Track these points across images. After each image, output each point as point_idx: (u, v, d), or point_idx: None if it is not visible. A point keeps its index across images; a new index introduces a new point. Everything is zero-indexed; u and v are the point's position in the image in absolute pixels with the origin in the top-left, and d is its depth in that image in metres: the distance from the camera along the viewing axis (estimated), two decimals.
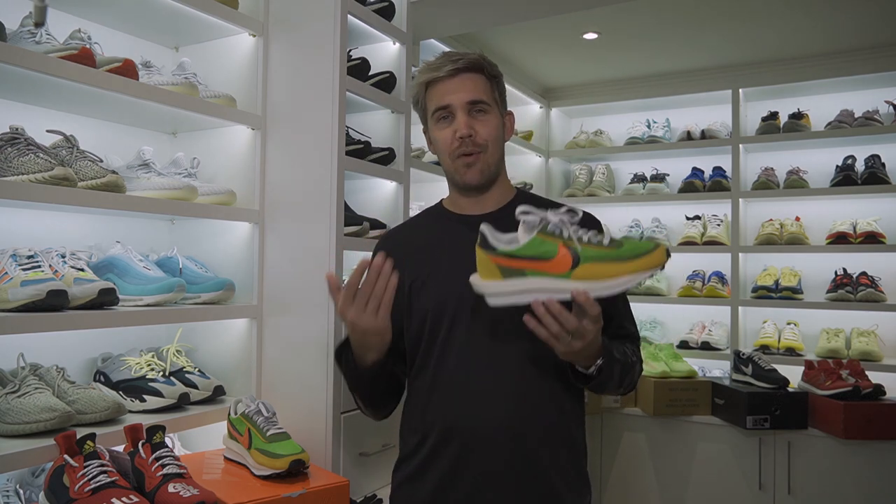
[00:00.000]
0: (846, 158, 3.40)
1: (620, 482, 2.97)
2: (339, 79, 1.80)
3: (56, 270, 1.45)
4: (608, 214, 3.99)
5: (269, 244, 1.88)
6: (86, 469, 1.25)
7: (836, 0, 2.80)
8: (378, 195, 2.11)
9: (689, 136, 3.67)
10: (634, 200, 3.84)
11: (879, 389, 2.60)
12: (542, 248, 1.12)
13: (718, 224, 3.64)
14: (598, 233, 1.16)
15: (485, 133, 1.35)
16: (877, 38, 3.20)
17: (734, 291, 3.52)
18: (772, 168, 3.56)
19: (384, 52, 2.13)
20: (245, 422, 1.61)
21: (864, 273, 3.29)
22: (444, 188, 1.51)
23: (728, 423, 2.77)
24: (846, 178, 3.31)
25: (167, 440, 1.43)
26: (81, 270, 1.50)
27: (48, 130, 1.52)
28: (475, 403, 1.30)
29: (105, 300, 1.46)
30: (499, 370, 1.31)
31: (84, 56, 1.45)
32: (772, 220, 3.54)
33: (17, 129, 1.43)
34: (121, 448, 1.44)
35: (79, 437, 1.31)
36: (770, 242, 3.45)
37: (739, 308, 3.51)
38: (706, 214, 3.75)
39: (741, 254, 3.54)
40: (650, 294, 3.72)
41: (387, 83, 2.04)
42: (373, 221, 1.94)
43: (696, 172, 3.73)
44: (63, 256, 1.50)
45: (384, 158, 2.02)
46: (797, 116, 3.45)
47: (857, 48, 3.31)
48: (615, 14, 2.91)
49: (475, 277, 1.16)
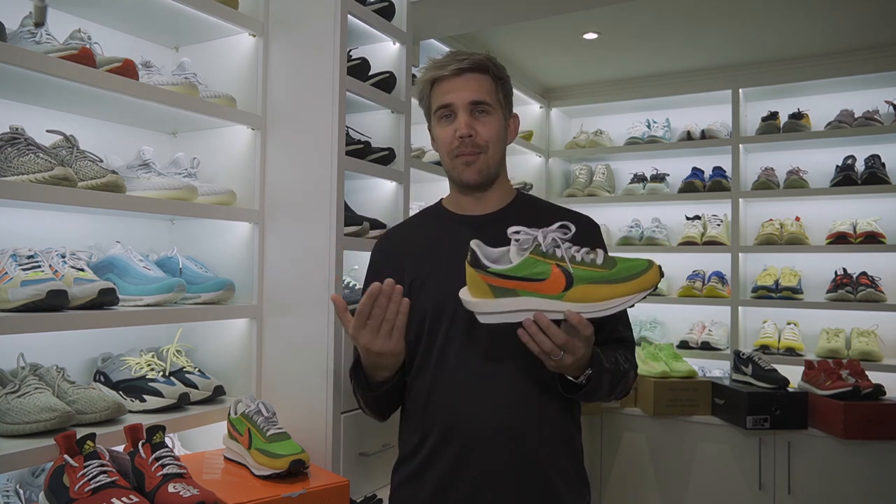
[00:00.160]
0: (846, 158, 3.39)
1: (620, 482, 2.97)
2: (339, 79, 1.80)
3: (56, 270, 1.45)
4: (608, 214, 3.99)
5: (269, 244, 1.88)
6: (86, 469, 1.25)
7: (836, 0, 2.80)
8: (378, 195, 2.11)
9: (689, 136, 3.67)
10: (634, 200, 3.84)
11: (879, 389, 2.60)
12: (535, 269, 1.11)
13: (718, 224, 3.63)
14: (592, 250, 1.15)
15: (485, 134, 1.35)
16: (877, 38, 3.20)
17: (734, 291, 3.51)
18: (772, 168, 3.56)
19: (384, 52, 2.13)
20: (245, 422, 1.61)
21: (864, 273, 3.29)
22: (444, 188, 1.52)
23: (728, 423, 2.77)
24: (846, 178, 3.31)
25: (167, 440, 1.43)
26: (81, 270, 1.50)
27: (48, 130, 1.52)
28: (475, 403, 1.30)
29: (105, 300, 1.46)
30: (498, 370, 1.31)
31: (84, 56, 1.45)
32: (772, 220, 3.54)
33: (17, 129, 1.42)
34: (121, 448, 1.44)
35: (79, 437, 1.31)
36: (770, 242, 3.45)
37: (739, 308, 3.50)
38: (706, 214, 3.75)
39: (741, 254, 3.54)
40: (651, 294, 3.70)
41: (387, 83, 2.04)
42: (373, 221, 1.94)
43: (696, 172, 3.72)
44: (63, 256, 1.50)
45: (384, 158, 2.02)
46: (797, 116, 3.45)
47: (857, 48, 3.31)
48: (615, 14, 2.91)
49: (465, 294, 1.15)
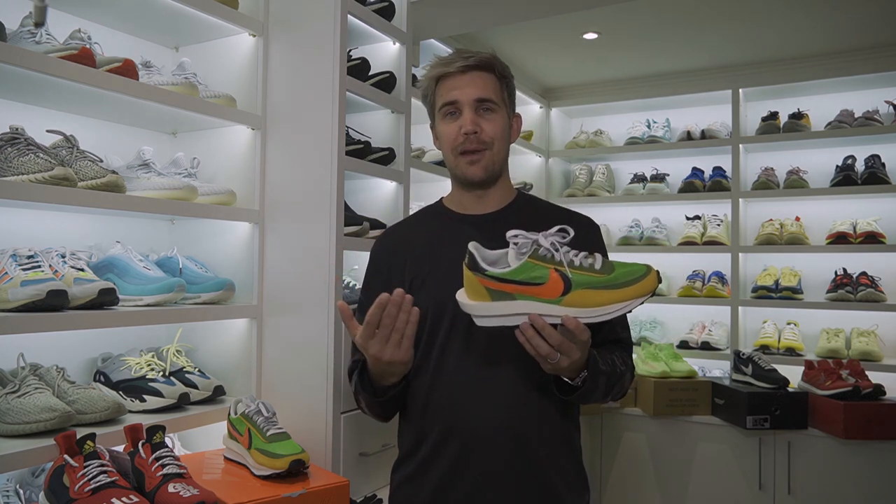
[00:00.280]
0: (846, 158, 3.39)
1: (620, 482, 2.97)
2: (339, 79, 1.80)
3: (56, 270, 1.45)
4: (608, 214, 3.99)
5: (269, 244, 1.88)
6: (86, 469, 1.25)
7: (836, 0, 2.79)
8: (378, 195, 2.11)
9: (689, 136, 3.67)
10: (634, 200, 3.84)
11: (879, 389, 2.60)
12: (533, 273, 1.11)
13: (718, 224, 3.63)
14: (590, 255, 1.15)
15: (490, 131, 1.35)
16: (877, 38, 3.20)
17: (734, 291, 3.51)
18: (772, 168, 3.56)
19: (384, 52, 2.13)
20: (245, 422, 1.61)
21: (864, 273, 3.29)
22: (444, 188, 1.51)
23: (728, 423, 2.77)
24: (846, 178, 3.30)
25: (167, 440, 1.43)
26: (81, 270, 1.50)
27: (48, 130, 1.52)
28: (475, 403, 1.30)
29: (105, 300, 1.46)
30: (499, 370, 1.31)
31: (84, 56, 1.45)
32: (772, 220, 3.54)
33: (17, 129, 1.43)
34: (121, 448, 1.44)
35: (79, 437, 1.31)
36: (770, 242, 3.45)
37: (739, 308, 3.50)
38: (706, 214, 3.75)
39: (741, 254, 3.54)
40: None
41: (387, 83, 2.04)
42: (373, 221, 1.94)
43: (696, 172, 3.72)
44: (63, 256, 1.50)
45: (384, 158, 2.02)
46: (797, 116, 3.45)
47: (857, 48, 3.31)
48: (615, 14, 2.91)
49: (462, 296, 1.15)
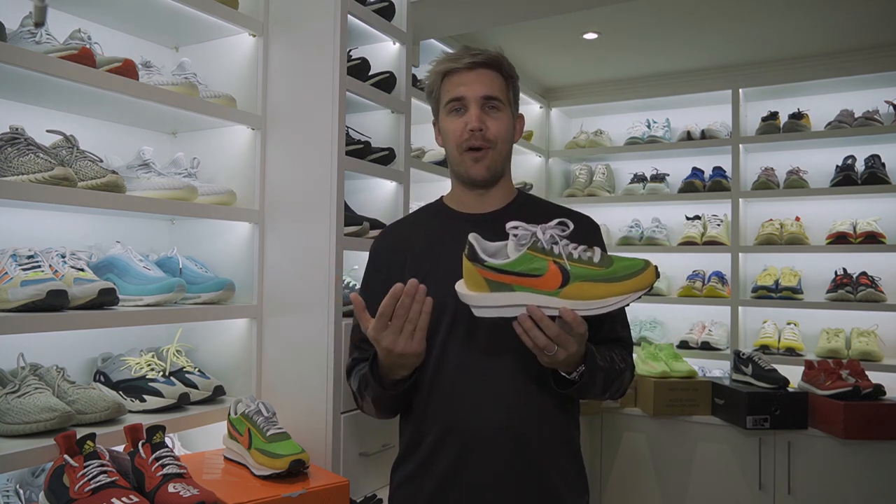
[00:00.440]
0: (846, 158, 3.39)
1: (620, 482, 2.97)
2: (339, 79, 1.80)
3: (56, 270, 1.45)
4: (608, 214, 3.98)
5: (269, 244, 1.88)
6: (86, 469, 1.25)
7: (836, 0, 2.79)
8: (378, 195, 2.11)
9: (689, 136, 3.67)
10: (634, 200, 3.84)
11: (879, 389, 2.60)
12: (532, 265, 1.12)
13: (718, 224, 3.63)
14: (589, 248, 1.15)
15: (495, 129, 1.35)
16: (877, 38, 3.20)
17: (734, 291, 3.51)
18: (772, 168, 3.56)
19: (384, 52, 2.13)
20: (245, 422, 1.61)
21: (864, 273, 3.29)
22: (444, 188, 1.51)
23: (728, 423, 2.77)
24: (846, 178, 3.30)
25: (167, 440, 1.43)
26: (81, 270, 1.50)
27: (48, 130, 1.52)
28: (475, 403, 1.30)
29: (105, 300, 1.46)
30: (499, 370, 1.31)
31: (84, 56, 1.45)
32: (772, 220, 3.54)
33: (17, 129, 1.43)
34: (121, 448, 1.44)
35: (79, 437, 1.31)
36: (770, 242, 3.45)
37: (739, 308, 3.50)
38: (706, 214, 3.75)
39: (741, 254, 3.54)
40: (650, 294, 3.68)
41: (387, 83, 2.04)
42: (373, 221, 1.94)
43: (696, 172, 3.72)
44: (63, 256, 1.50)
45: (384, 158, 2.02)
46: (797, 116, 3.45)
47: (857, 48, 3.31)
48: (615, 14, 2.91)
49: (461, 286, 1.16)
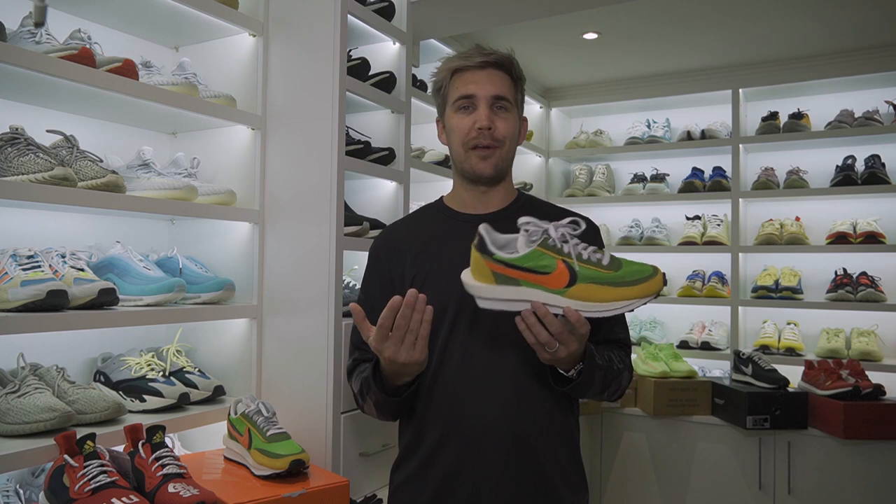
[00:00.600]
0: (846, 158, 3.39)
1: (620, 482, 2.97)
2: (339, 79, 1.80)
3: (56, 270, 1.45)
4: (608, 214, 3.99)
5: (269, 244, 1.88)
6: (86, 469, 1.25)
7: (836, 0, 2.80)
8: (378, 195, 2.11)
9: (689, 136, 3.67)
10: (634, 200, 3.84)
11: (879, 389, 2.60)
12: (541, 262, 1.11)
13: (718, 224, 3.63)
14: (599, 250, 1.15)
15: (503, 129, 1.36)
16: (877, 38, 3.20)
17: (734, 291, 3.51)
18: (772, 168, 3.56)
19: (384, 52, 2.13)
20: (245, 422, 1.61)
21: (864, 273, 3.29)
22: (444, 188, 1.51)
23: (728, 423, 2.77)
24: (846, 178, 3.30)
25: (167, 440, 1.43)
26: (81, 270, 1.50)
27: (48, 130, 1.52)
28: (476, 403, 1.30)
29: (105, 300, 1.46)
30: (500, 370, 1.31)
31: (84, 56, 1.45)
32: (772, 220, 3.54)
33: (17, 129, 1.43)
34: (121, 448, 1.44)
35: (79, 437, 1.31)
36: (770, 242, 3.45)
37: (739, 308, 3.50)
38: (706, 214, 3.75)
39: (741, 254, 3.54)
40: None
41: (387, 83, 2.04)
42: (373, 221, 1.94)
43: (696, 172, 3.72)
44: (63, 256, 1.50)
45: (384, 158, 2.02)
46: (797, 116, 3.45)
47: (857, 48, 3.31)
48: (615, 14, 2.91)
49: (467, 275, 1.15)
